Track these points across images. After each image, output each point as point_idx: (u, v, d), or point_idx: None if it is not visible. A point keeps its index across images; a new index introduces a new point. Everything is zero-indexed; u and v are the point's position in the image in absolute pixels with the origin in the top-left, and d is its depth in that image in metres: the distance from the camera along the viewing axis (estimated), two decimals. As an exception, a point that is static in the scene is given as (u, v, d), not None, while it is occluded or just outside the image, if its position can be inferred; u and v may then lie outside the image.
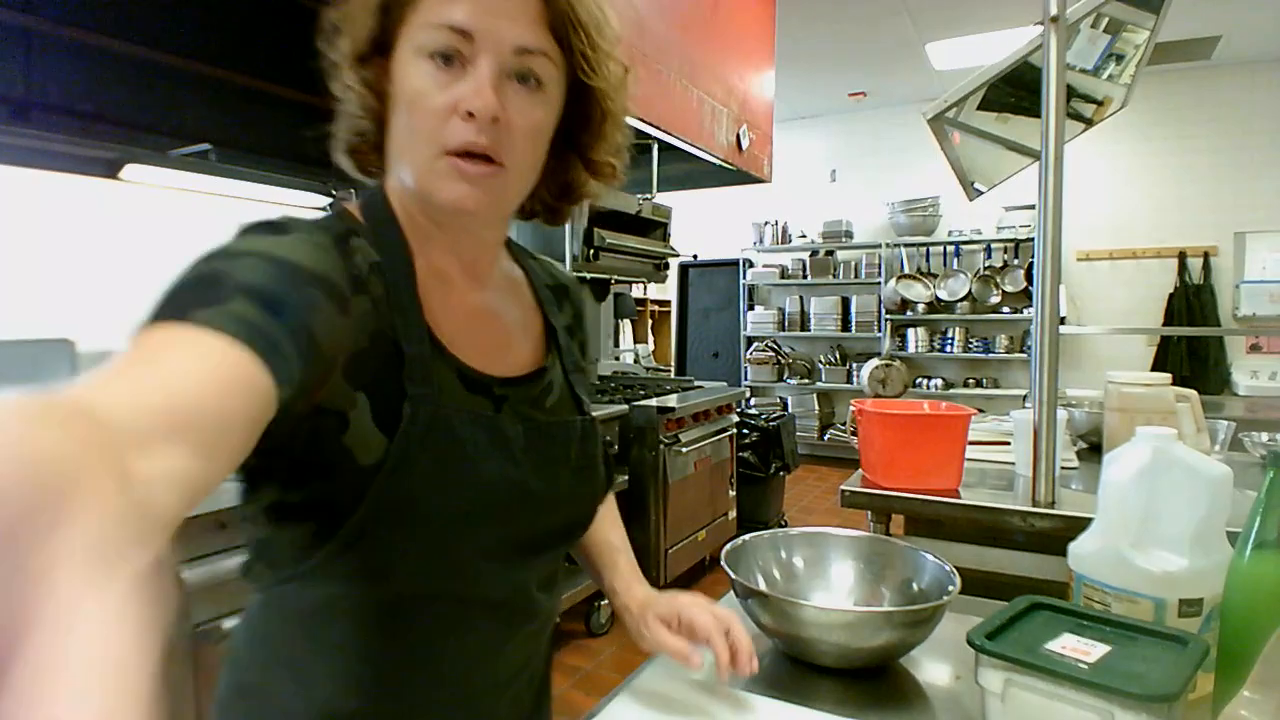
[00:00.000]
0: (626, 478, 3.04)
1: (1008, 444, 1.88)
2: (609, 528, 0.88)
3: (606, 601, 3.00)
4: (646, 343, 6.47)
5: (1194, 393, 1.66)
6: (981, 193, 1.76)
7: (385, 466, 0.56)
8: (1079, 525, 0.91)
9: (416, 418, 0.58)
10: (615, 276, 3.43)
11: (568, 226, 3.03)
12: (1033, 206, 4.33)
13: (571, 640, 2.93)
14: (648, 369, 5.13)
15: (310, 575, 0.59)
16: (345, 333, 0.55)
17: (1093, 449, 1.97)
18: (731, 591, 0.93)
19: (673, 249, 3.69)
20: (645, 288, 6.14)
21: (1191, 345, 5.12)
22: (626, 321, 5.89)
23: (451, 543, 0.60)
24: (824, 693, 0.82)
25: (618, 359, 4.75)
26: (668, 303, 6.95)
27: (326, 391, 0.55)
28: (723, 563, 0.92)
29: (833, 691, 0.82)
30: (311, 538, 0.58)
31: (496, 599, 0.66)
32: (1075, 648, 0.72)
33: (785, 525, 3.97)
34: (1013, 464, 1.78)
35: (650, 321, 6.70)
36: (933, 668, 0.88)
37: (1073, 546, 0.87)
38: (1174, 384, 1.59)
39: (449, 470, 0.60)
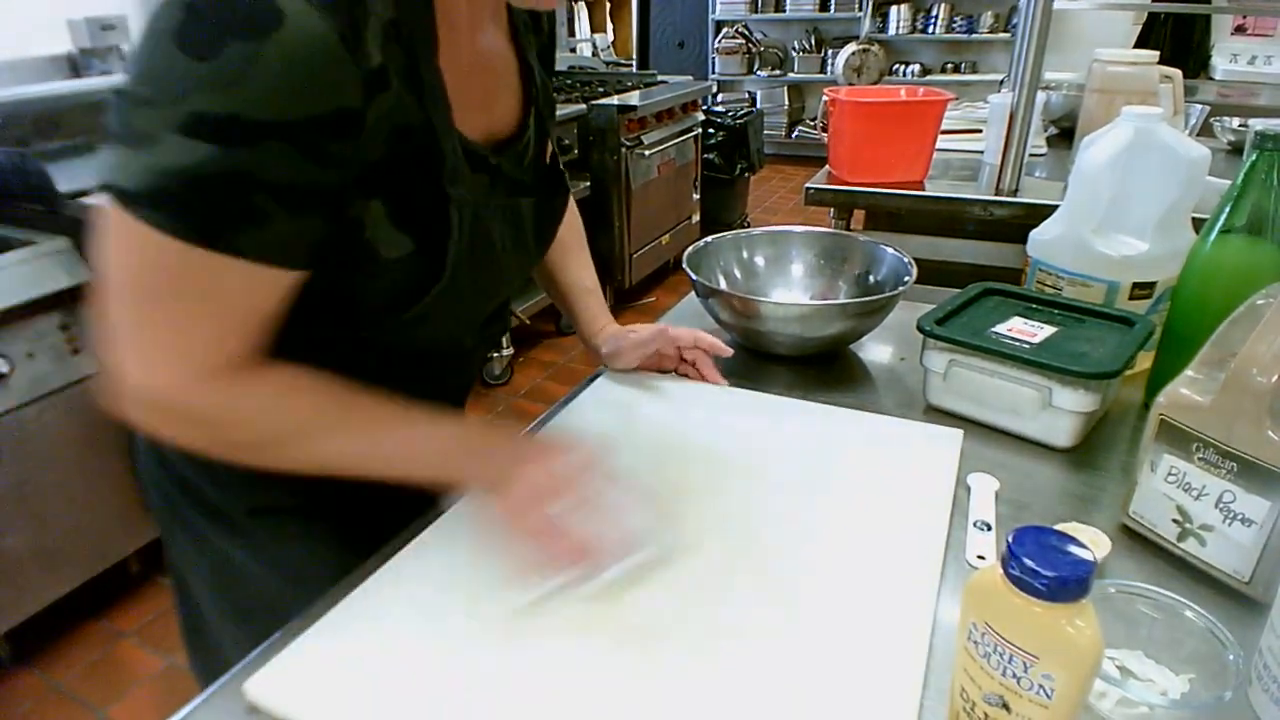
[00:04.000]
0: (587, 184, 2.95)
1: (978, 132, 1.82)
2: (581, 269, 0.87)
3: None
4: (605, 32, 5.89)
5: (1178, 72, 1.58)
6: None
7: (444, 277, 0.55)
8: (1041, 213, 0.90)
9: (461, 223, 0.55)
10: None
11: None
12: None
13: (544, 339, 3.08)
14: (607, 63, 4.73)
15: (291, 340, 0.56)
16: (356, 163, 0.49)
17: (1063, 135, 1.92)
18: (693, 292, 0.94)
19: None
20: (600, -36, 5.42)
21: (1177, 25, 4.84)
22: (582, 6, 5.30)
23: (463, 316, 0.64)
24: (776, 377, 0.87)
25: (574, 51, 4.35)
26: (627, -16, 6.19)
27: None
28: (685, 265, 0.91)
29: (784, 376, 0.87)
30: (320, 316, 0.56)
31: (467, 347, 0.71)
32: (1022, 330, 0.74)
33: (748, 226, 3.99)
34: (981, 153, 1.74)
35: (609, 6, 6.04)
36: (882, 351, 0.93)
37: (1034, 233, 0.87)
38: (1159, 63, 1.50)
39: (482, 265, 0.59)
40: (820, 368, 0.89)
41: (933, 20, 5.47)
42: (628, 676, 0.48)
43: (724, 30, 6.05)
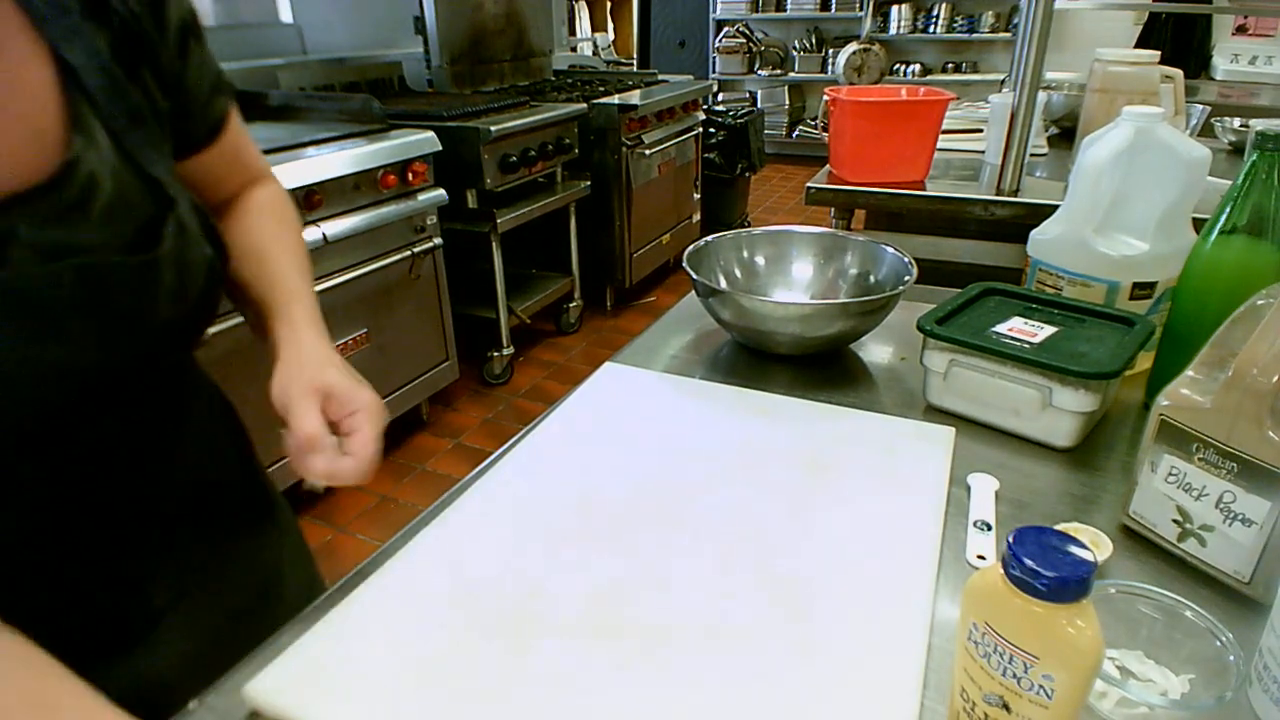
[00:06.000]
0: (588, 184, 2.95)
1: (979, 132, 1.82)
2: (287, 269, 0.59)
3: (575, 304, 3.11)
4: (606, 31, 5.90)
5: (1179, 72, 1.58)
6: None
7: None
8: (1042, 213, 0.90)
9: None
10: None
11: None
12: None
13: (545, 339, 3.09)
14: (608, 62, 4.74)
15: None
16: None
17: (1064, 135, 1.92)
18: (694, 291, 0.94)
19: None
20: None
21: (1178, 25, 4.85)
22: (583, 6, 5.30)
23: None
24: (776, 377, 0.87)
25: (574, 50, 4.35)
26: (627, -17, 6.20)
27: None
28: (685, 264, 0.91)
29: (784, 376, 0.87)
30: None
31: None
32: (1022, 330, 0.74)
33: (748, 226, 4.00)
34: (982, 153, 1.74)
35: (609, 5, 6.04)
36: (882, 351, 0.93)
37: (1034, 233, 0.87)
38: (1160, 63, 1.50)
39: None
40: (820, 367, 0.89)
41: (934, 20, 5.48)
42: (626, 676, 0.48)
43: (725, 29, 6.06)
